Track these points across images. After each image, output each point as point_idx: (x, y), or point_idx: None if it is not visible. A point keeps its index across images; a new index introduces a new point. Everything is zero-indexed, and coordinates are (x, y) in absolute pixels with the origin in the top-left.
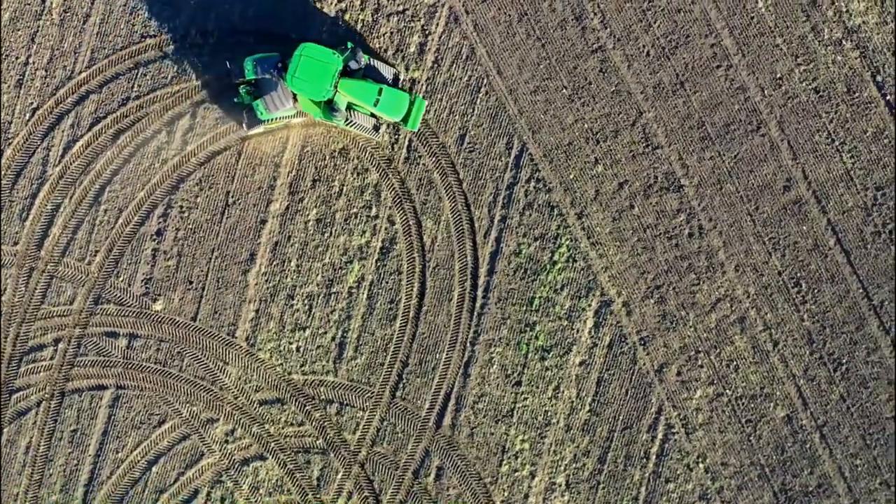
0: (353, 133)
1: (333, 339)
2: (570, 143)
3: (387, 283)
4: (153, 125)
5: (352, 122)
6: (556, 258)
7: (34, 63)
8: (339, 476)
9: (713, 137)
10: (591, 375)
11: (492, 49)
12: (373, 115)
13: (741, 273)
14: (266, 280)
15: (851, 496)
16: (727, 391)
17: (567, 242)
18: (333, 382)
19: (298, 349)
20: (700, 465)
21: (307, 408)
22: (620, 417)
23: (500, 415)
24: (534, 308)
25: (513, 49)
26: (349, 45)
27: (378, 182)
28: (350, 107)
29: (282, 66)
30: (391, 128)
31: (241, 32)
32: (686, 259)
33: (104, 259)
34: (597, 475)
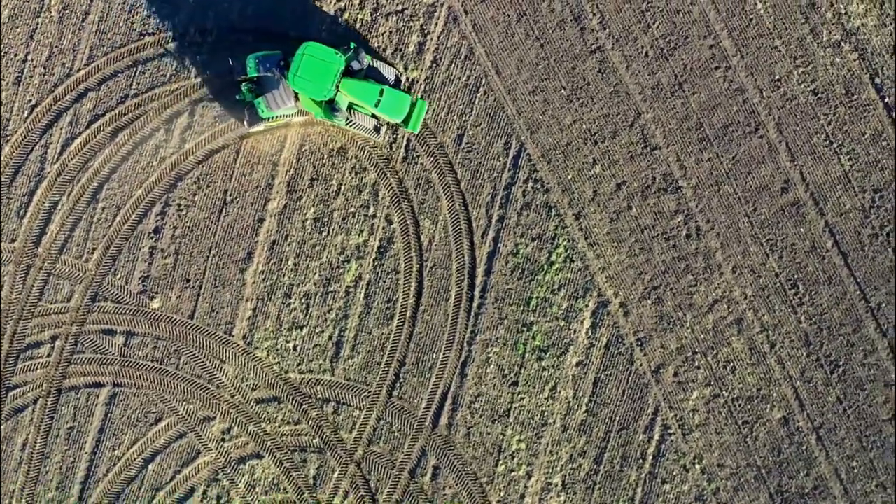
0: (352, 132)
1: (330, 338)
2: (569, 144)
3: (384, 283)
4: (151, 123)
5: (352, 123)
6: (554, 258)
7: (33, 60)
8: (336, 475)
9: (711, 139)
10: (588, 376)
11: (490, 49)
12: (373, 116)
13: (738, 274)
14: (263, 279)
15: (848, 498)
16: (724, 392)
17: (564, 243)
18: (330, 381)
19: (295, 348)
20: (696, 467)
21: (304, 406)
22: (617, 418)
23: (497, 415)
24: (531, 308)
25: (511, 49)
26: (352, 46)
27: (376, 181)
28: (351, 107)
29: (284, 65)
30: (390, 128)
31: (241, 31)
32: (683, 260)
33: (102, 257)
34: (593, 476)
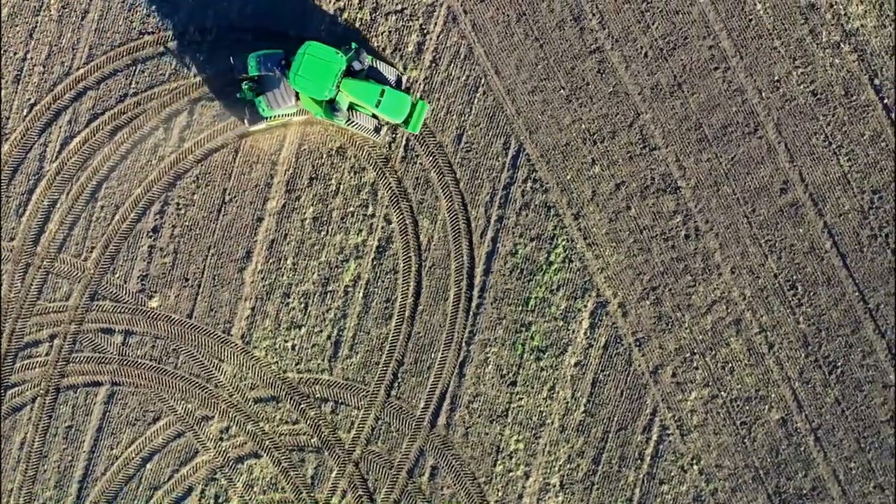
0: (351, 132)
1: (329, 338)
2: (568, 144)
3: (383, 282)
4: (150, 122)
5: (353, 123)
6: (553, 258)
7: (32, 59)
8: (334, 475)
9: (710, 139)
10: (587, 376)
11: (490, 49)
12: (374, 117)
13: (737, 275)
14: (262, 278)
15: (846, 499)
16: (722, 393)
17: (563, 243)
18: (329, 381)
19: (294, 347)
20: (694, 467)
21: (302, 406)
22: (615, 418)
23: (495, 415)
24: (529, 308)
25: (511, 49)
26: (353, 46)
27: (375, 181)
28: (352, 107)
29: (285, 64)
30: (389, 128)
31: (240, 29)
32: (682, 261)
33: (100, 255)
34: (591, 476)
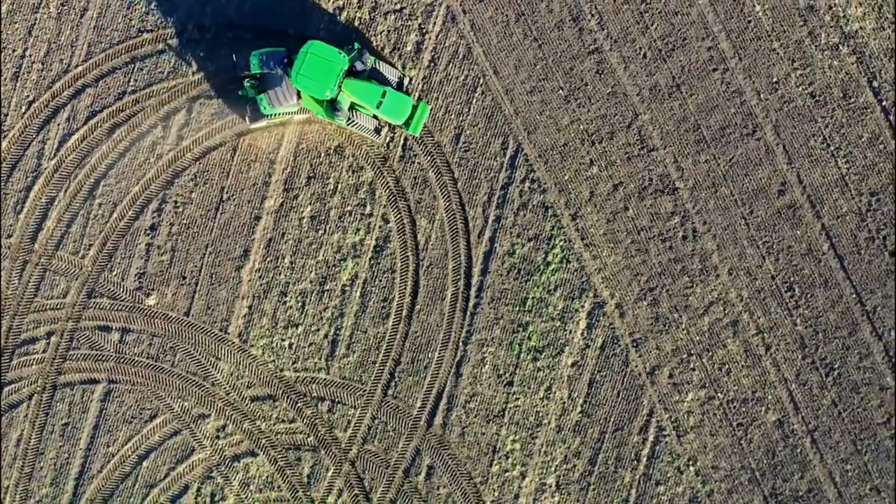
0: (350, 131)
1: (326, 337)
2: (566, 144)
3: (380, 282)
4: (149, 120)
5: (353, 123)
6: (550, 259)
7: (31, 56)
8: (330, 473)
9: (708, 140)
10: (584, 377)
11: (488, 49)
12: (374, 117)
13: (734, 276)
14: (259, 276)
15: (842, 501)
16: (719, 394)
17: (561, 243)
18: (325, 380)
19: (291, 346)
20: (691, 468)
21: (299, 405)
22: (612, 419)
23: (492, 415)
24: (527, 308)
25: (509, 49)
26: (356, 46)
27: (373, 180)
28: (353, 107)
29: (287, 62)
30: (389, 128)
31: (239, 28)
32: (680, 262)
33: (98, 253)
34: (587, 476)
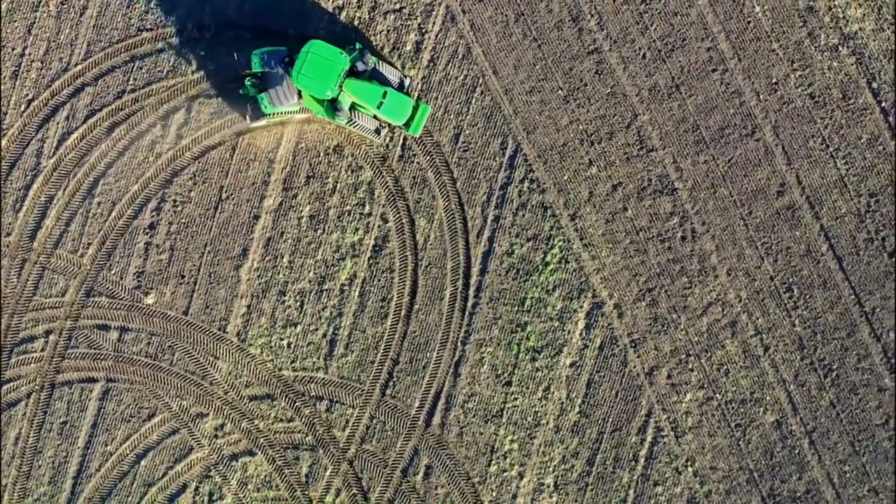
0: (349, 131)
1: (324, 336)
2: (565, 145)
3: (379, 281)
4: (148, 119)
5: (354, 123)
6: (549, 259)
7: (30, 54)
8: (328, 473)
9: (708, 141)
10: (582, 377)
11: (488, 49)
12: (375, 118)
13: (733, 277)
14: (258, 276)
15: (840, 502)
16: (717, 395)
17: (560, 243)
18: (324, 379)
19: (289, 345)
20: (689, 469)
21: (297, 404)
22: (610, 419)
23: (490, 415)
24: (525, 308)
25: (509, 49)
26: (357, 46)
27: (372, 180)
28: (353, 107)
29: (288, 62)
30: (389, 128)
31: (238, 27)
32: (678, 262)
33: (97, 252)
34: (585, 477)
